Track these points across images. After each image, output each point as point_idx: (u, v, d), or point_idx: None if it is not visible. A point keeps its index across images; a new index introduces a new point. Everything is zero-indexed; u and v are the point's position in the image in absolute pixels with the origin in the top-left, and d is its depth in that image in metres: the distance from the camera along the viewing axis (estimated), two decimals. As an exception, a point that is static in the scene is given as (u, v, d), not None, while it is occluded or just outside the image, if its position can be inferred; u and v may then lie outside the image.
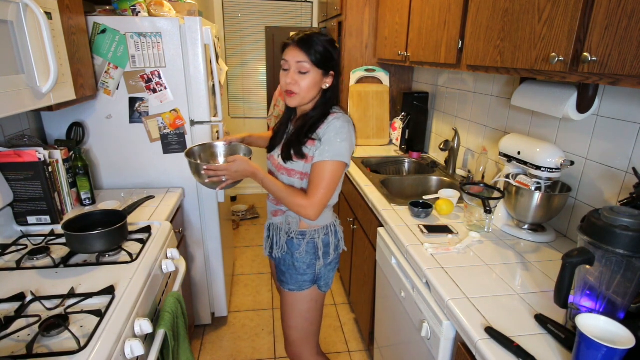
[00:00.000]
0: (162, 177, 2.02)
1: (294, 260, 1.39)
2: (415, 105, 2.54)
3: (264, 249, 1.56)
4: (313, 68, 1.22)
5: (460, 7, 1.49)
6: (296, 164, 1.30)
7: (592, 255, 0.86)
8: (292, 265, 1.39)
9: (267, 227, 1.52)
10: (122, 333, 1.00)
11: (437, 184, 2.14)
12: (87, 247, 1.29)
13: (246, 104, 4.26)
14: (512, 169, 1.50)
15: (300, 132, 1.29)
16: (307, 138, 1.28)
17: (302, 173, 1.31)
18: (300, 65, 1.22)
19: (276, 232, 1.44)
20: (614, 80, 0.87)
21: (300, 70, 1.22)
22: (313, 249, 1.39)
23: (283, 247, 1.40)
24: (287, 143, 1.32)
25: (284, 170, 1.33)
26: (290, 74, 1.24)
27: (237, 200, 4.28)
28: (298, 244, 1.38)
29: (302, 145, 1.28)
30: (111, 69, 1.81)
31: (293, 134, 1.32)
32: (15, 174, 1.46)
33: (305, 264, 1.39)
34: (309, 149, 1.28)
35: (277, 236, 1.43)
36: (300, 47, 1.21)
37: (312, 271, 1.40)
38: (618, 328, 0.78)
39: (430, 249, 1.36)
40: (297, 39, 1.22)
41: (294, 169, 1.31)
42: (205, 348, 2.21)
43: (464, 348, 1.02)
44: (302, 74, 1.23)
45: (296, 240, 1.38)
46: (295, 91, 1.25)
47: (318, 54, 1.21)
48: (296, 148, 1.28)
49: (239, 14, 3.96)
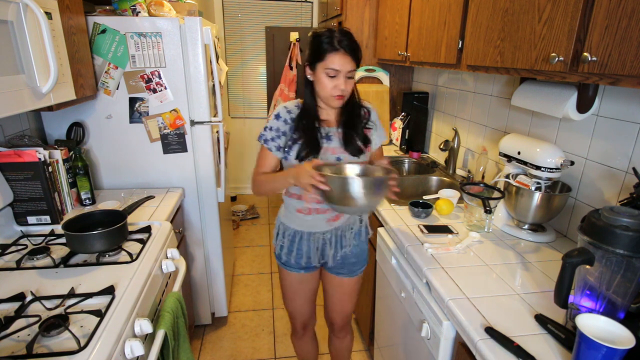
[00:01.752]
0: (162, 177, 2.02)
1: (363, 245, 1.52)
2: (415, 105, 2.54)
3: (311, 261, 1.49)
4: (356, 70, 1.28)
5: (460, 7, 1.49)
6: (364, 155, 1.38)
7: (592, 255, 0.86)
8: (362, 250, 1.52)
9: (314, 240, 1.45)
10: (122, 333, 1.00)
11: (437, 184, 2.14)
12: (87, 247, 1.29)
13: (246, 104, 4.26)
14: (512, 169, 1.50)
15: (355, 125, 1.36)
16: (365, 128, 1.39)
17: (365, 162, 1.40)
18: (350, 73, 1.26)
19: (339, 234, 1.46)
20: (614, 80, 0.87)
21: (349, 75, 1.26)
22: (366, 227, 1.53)
23: (351, 242, 1.48)
24: (350, 139, 1.35)
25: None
26: (341, 80, 1.25)
27: (237, 200, 4.28)
28: (360, 229, 1.50)
29: (364, 135, 1.37)
30: (111, 69, 1.81)
31: (350, 129, 1.36)
32: (15, 174, 1.46)
33: (366, 244, 1.55)
34: (368, 138, 1.40)
35: (342, 237, 1.46)
36: (351, 56, 1.23)
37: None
38: (618, 328, 0.78)
39: (430, 249, 1.36)
40: (346, 46, 1.22)
41: (364, 161, 1.39)
42: (205, 348, 2.21)
43: (464, 348, 1.02)
44: (349, 78, 1.27)
45: (361, 227, 1.50)
46: (345, 94, 1.28)
47: (359, 56, 1.26)
48: (361, 139, 1.37)
49: (239, 14, 3.96)
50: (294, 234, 1.46)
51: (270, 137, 1.36)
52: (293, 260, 1.49)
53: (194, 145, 2.00)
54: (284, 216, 1.49)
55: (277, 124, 1.35)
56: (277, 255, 1.53)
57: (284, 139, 1.35)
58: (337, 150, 1.36)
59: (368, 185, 1.14)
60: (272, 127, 1.36)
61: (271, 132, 1.36)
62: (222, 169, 2.18)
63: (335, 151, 1.36)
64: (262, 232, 3.63)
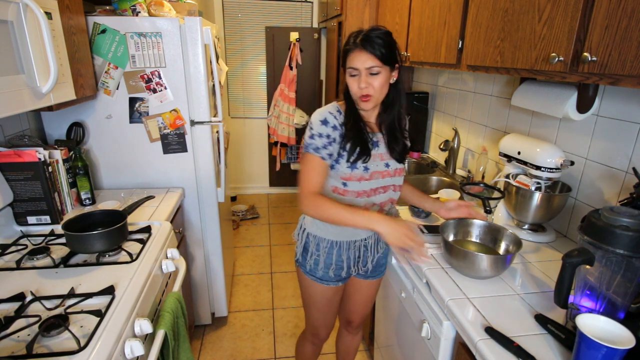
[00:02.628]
0: (162, 177, 2.02)
1: (388, 247, 1.48)
2: (415, 105, 2.54)
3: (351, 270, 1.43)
4: (383, 67, 1.19)
5: (460, 7, 1.49)
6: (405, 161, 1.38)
7: (592, 255, 0.86)
8: (388, 251, 1.51)
9: (354, 248, 1.39)
10: (122, 333, 1.00)
11: (437, 184, 2.14)
12: (87, 247, 1.29)
13: (246, 104, 4.26)
14: (512, 169, 1.50)
15: (397, 130, 1.33)
16: (403, 135, 1.36)
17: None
18: (371, 70, 1.18)
19: (377, 236, 1.41)
20: (614, 80, 0.87)
21: (371, 72, 1.19)
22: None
23: (383, 246, 1.46)
24: (394, 146, 1.32)
25: (403, 171, 1.39)
26: (362, 78, 1.19)
27: (237, 200, 4.28)
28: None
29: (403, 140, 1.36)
30: (111, 69, 1.81)
31: (393, 135, 1.32)
32: (15, 174, 1.46)
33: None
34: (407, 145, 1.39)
35: (378, 239, 1.43)
36: (366, 49, 1.16)
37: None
38: (618, 328, 0.78)
39: (431, 249, 1.35)
40: (359, 41, 1.17)
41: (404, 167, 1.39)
42: (205, 348, 2.21)
43: (464, 348, 1.02)
44: (373, 75, 1.19)
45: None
46: (370, 93, 1.20)
47: (383, 50, 1.17)
48: (403, 146, 1.35)
49: (239, 14, 3.96)
50: (330, 246, 1.36)
51: (322, 145, 1.22)
52: (332, 274, 1.39)
53: (194, 145, 2.00)
54: (314, 227, 1.37)
55: (326, 130, 1.22)
56: (310, 270, 1.41)
57: (335, 146, 1.24)
58: (384, 156, 1.31)
59: (493, 262, 1.14)
60: (322, 134, 1.22)
61: (321, 140, 1.22)
62: (222, 169, 2.18)
63: (383, 157, 1.31)
64: (262, 232, 3.63)
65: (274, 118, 4.04)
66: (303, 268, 1.44)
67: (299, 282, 1.52)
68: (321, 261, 1.38)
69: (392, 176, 1.34)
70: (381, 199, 1.34)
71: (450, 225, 1.33)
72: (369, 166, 1.27)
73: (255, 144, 4.41)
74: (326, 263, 1.38)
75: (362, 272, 1.47)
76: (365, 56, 1.17)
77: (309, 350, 1.70)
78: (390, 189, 1.35)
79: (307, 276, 1.43)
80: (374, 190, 1.32)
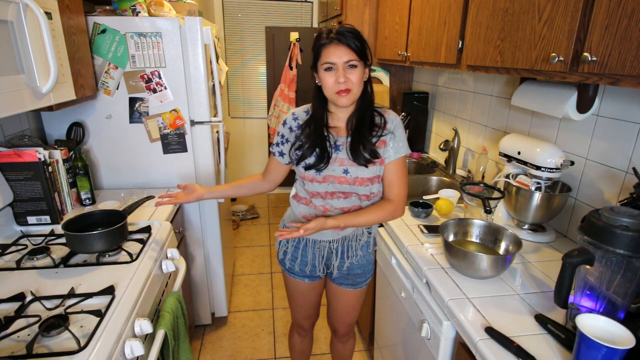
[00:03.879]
0: (162, 177, 2.02)
1: (369, 256, 1.47)
2: (415, 105, 2.54)
3: (316, 270, 1.46)
4: (359, 61, 1.18)
5: (460, 7, 1.49)
6: (374, 168, 1.27)
7: (592, 255, 0.86)
8: (368, 262, 1.47)
9: (320, 248, 1.41)
10: (122, 333, 1.00)
11: (437, 184, 2.14)
12: (87, 247, 1.29)
13: (246, 104, 4.26)
14: (512, 169, 1.50)
15: (363, 133, 1.25)
16: (377, 138, 1.26)
17: (378, 176, 1.29)
18: (349, 62, 1.16)
19: (346, 244, 1.41)
20: (614, 80, 0.87)
21: (349, 64, 1.17)
22: (374, 239, 1.48)
23: (357, 253, 1.43)
24: (355, 149, 1.24)
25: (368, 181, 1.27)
26: (339, 72, 1.16)
27: (237, 200, 4.28)
28: (368, 240, 1.45)
29: (373, 146, 1.25)
30: (111, 69, 1.81)
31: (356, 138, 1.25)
32: (15, 174, 1.46)
33: (373, 256, 1.49)
34: (381, 150, 1.27)
35: (349, 247, 1.41)
36: (342, 42, 1.15)
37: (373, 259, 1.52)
38: (618, 328, 0.78)
39: (430, 249, 1.36)
40: (334, 36, 1.15)
41: (378, 174, 1.28)
42: (205, 348, 2.21)
43: (464, 348, 1.02)
44: (351, 67, 1.17)
45: (369, 238, 1.45)
46: (349, 87, 1.18)
47: (358, 43, 1.16)
48: (370, 150, 1.24)
49: (239, 14, 3.96)
50: (298, 240, 1.43)
51: (276, 142, 1.36)
52: (297, 268, 1.46)
53: (194, 145, 2.00)
54: (289, 220, 1.45)
55: (282, 130, 1.34)
56: (281, 260, 1.50)
57: (287, 145, 1.34)
58: (345, 162, 1.26)
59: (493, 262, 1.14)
60: (279, 133, 1.35)
61: (277, 138, 1.36)
62: (222, 169, 2.18)
63: (344, 162, 1.26)
64: (262, 232, 3.63)
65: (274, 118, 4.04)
66: (282, 265, 1.51)
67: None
68: (289, 253, 1.46)
69: (352, 184, 1.27)
70: (341, 204, 1.31)
71: (450, 225, 1.33)
72: (321, 169, 1.27)
73: (255, 144, 4.41)
74: (293, 256, 1.45)
75: (328, 273, 1.49)
76: (342, 50, 1.15)
77: (297, 341, 1.76)
78: (353, 196, 1.29)
79: (285, 272, 1.52)
80: (330, 194, 1.30)
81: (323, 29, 1.20)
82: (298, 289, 1.52)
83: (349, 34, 1.16)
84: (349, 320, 1.60)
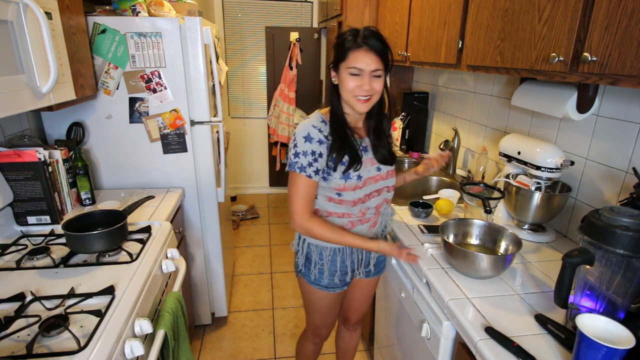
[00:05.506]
0: (162, 177, 2.02)
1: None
2: (415, 105, 2.54)
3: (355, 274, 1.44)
4: (384, 71, 1.19)
5: (460, 7, 1.49)
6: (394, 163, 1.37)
7: (592, 255, 0.86)
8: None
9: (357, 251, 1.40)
10: (122, 333, 1.00)
11: (437, 184, 2.14)
12: (87, 247, 1.29)
13: (246, 104, 4.26)
14: (512, 169, 1.50)
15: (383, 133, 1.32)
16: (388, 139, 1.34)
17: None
18: (376, 72, 1.17)
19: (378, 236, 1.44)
20: (614, 80, 0.87)
21: (374, 74, 1.17)
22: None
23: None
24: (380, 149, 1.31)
25: (394, 172, 1.38)
26: (365, 79, 1.16)
27: (237, 200, 4.28)
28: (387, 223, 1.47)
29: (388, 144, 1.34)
30: (111, 69, 1.81)
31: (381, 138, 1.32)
32: (15, 174, 1.46)
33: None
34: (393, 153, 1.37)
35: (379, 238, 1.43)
36: (376, 53, 1.14)
37: None
38: (618, 328, 0.78)
39: (430, 249, 1.36)
40: (370, 43, 1.14)
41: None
42: (205, 348, 2.21)
43: (464, 348, 1.02)
44: (376, 77, 1.18)
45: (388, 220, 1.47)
46: (372, 94, 1.19)
47: (387, 53, 1.17)
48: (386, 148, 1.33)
49: (239, 14, 3.96)
50: (334, 253, 1.35)
51: (307, 163, 1.19)
52: (337, 280, 1.39)
53: (194, 145, 2.00)
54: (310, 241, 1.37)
55: (310, 147, 1.18)
56: (315, 280, 1.39)
57: (322, 161, 1.21)
58: (374, 161, 1.30)
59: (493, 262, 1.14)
60: (306, 152, 1.18)
61: (306, 158, 1.18)
62: (222, 169, 2.18)
63: (374, 162, 1.30)
64: (262, 232, 3.63)
65: (274, 118, 4.04)
66: (307, 278, 1.41)
67: (301, 290, 1.50)
68: (326, 269, 1.36)
69: (385, 179, 1.33)
70: (375, 202, 1.34)
71: (450, 225, 1.34)
72: (361, 174, 1.25)
73: (255, 144, 4.41)
74: (331, 271, 1.37)
75: (364, 274, 1.47)
76: (371, 58, 1.14)
77: (309, 350, 1.69)
78: (384, 190, 1.35)
79: (312, 286, 1.41)
80: (368, 196, 1.30)
81: (349, 30, 1.18)
82: (330, 300, 1.44)
83: (377, 42, 1.15)
84: (364, 308, 1.63)
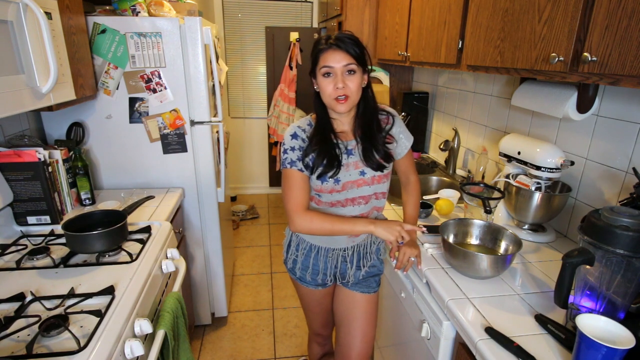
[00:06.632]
0: (162, 177, 2.02)
1: (380, 261, 1.45)
2: (415, 105, 2.54)
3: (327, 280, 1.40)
4: (358, 67, 1.17)
5: (460, 7, 1.49)
6: (387, 168, 1.29)
7: (592, 255, 0.86)
8: (380, 265, 1.44)
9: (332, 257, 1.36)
10: (122, 333, 1.00)
11: (437, 184, 2.14)
12: (87, 247, 1.29)
13: (246, 104, 4.26)
14: (512, 169, 1.50)
15: (373, 136, 1.25)
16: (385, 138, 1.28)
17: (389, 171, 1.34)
18: (347, 67, 1.15)
19: (361, 251, 1.38)
20: (614, 80, 0.87)
21: (348, 69, 1.16)
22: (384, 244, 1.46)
23: (372, 257, 1.41)
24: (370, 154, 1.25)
25: (384, 178, 1.30)
26: (338, 78, 1.15)
27: (237, 200, 4.28)
28: (380, 245, 1.43)
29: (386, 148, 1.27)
30: (111, 69, 1.81)
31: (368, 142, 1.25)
32: (15, 174, 1.46)
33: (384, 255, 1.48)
34: (392, 145, 1.31)
35: (364, 253, 1.39)
36: (340, 48, 1.14)
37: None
38: (618, 328, 0.78)
39: (430, 249, 1.36)
40: (333, 41, 1.15)
41: (389, 170, 1.32)
42: (205, 348, 2.21)
43: (464, 348, 1.02)
44: (350, 73, 1.16)
45: (381, 242, 1.43)
46: (347, 94, 1.17)
47: (357, 49, 1.16)
48: (383, 152, 1.26)
49: (239, 14, 3.96)
50: (309, 248, 1.36)
51: (296, 157, 1.22)
52: (309, 277, 1.39)
53: (194, 145, 2.00)
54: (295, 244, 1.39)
55: (296, 142, 1.22)
56: (290, 269, 1.43)
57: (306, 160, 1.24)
58: (359, 164, 1.25)
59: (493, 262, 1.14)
60: (294, 147, 1.22)
61: (294, 153, 1.22)
62: (222, 169, 2.18)
63: (358, 165, 1.25)
64: (262, 232, 3.63)
65: (274, 118, 4.04)
66: (286, 264, 1.45)
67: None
68: (299, 262, 1.39)
69: (370, 184, 1.27)
70: (362, 210, 1.29)
71: (450, 225, 1.33)
72: (339, 177, 1.24)
73: (255, 144, 4.41)
74: (303, 264, 1.39)
75: (344, 282, 1.42)
76: (341, 54, 1.14)
77: (317, 350, 1.70)
78: (372, 197, 1.29)
79: (289, 274, 1.46)
80: (350, 201, 1.27)
81: (322, 36, 1.20)
82: (313, 297, 1.45)
83: (347, 40, 1.15)
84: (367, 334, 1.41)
